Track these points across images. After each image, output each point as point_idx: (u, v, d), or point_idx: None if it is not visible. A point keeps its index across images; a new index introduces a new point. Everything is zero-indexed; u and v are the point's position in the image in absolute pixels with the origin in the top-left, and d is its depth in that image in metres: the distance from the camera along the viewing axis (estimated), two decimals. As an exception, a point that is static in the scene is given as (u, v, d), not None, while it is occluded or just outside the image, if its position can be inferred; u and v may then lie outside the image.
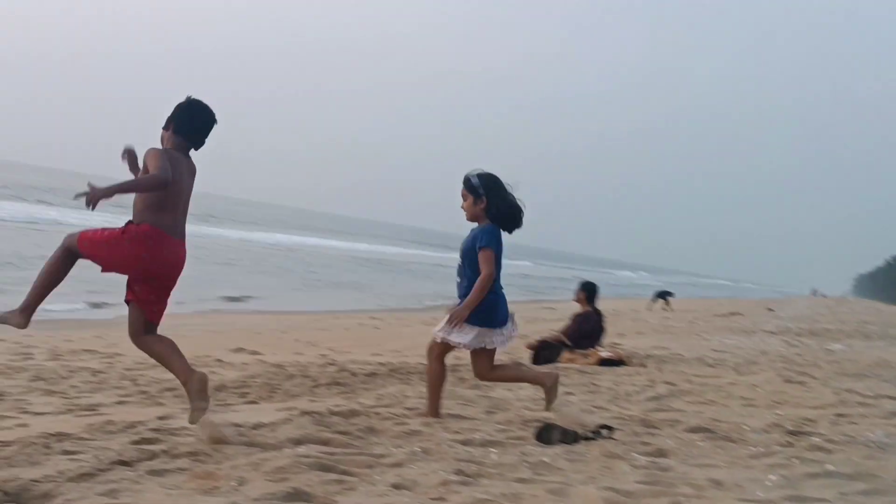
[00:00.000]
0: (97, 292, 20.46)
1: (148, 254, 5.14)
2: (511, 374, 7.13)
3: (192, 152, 5.40)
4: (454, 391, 8.67)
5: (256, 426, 6.41)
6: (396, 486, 4.70)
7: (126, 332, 5.79)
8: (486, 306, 6.53)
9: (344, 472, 4.91)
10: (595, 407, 7.92)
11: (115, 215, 7.69)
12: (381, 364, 11.76)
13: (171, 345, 5.61)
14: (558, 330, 12.70)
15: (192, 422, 5.56)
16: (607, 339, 13.31)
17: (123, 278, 5.67)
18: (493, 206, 6.53)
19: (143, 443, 5.71)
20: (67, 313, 17.17)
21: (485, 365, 6.76)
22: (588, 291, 12.73)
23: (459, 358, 13.00)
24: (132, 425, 6.40)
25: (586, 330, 12.35)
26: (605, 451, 5.76)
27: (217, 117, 5.39)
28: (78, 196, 5.08)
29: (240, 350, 13.28)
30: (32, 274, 5.94)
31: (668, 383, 9.93)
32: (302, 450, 5.35)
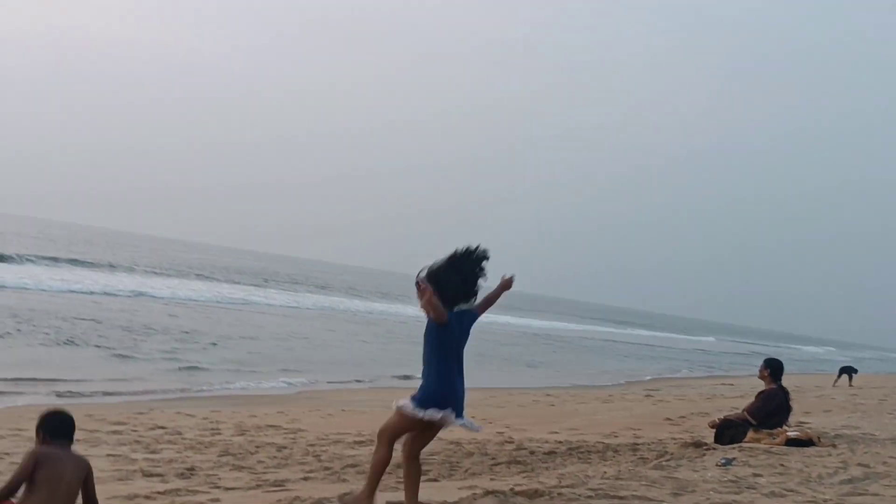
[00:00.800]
0: (288, 371, 21.20)
1: None
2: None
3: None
4: (637, 471, 8.49)
5: (441, 505, 6.45)
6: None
7: (307, 408, 5.93)
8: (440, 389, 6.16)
9: (531, 554, 4.87)
10: (786, 490, 7.61)
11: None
12: (559, 442, 11.65)
13: None
14: (742, 408, 12.29)
15: None
16: (793, 417, 12.79)
17: (311, 355, 5.83)
18: (442, 290, 6.19)
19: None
20: (251, 389, 17.77)
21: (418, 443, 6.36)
22: (772, 368, 12.29)
23: (639, 437, 12.77)
24: (319, 502, 6.55)
25: (772, 408, 11.89)
26: (801, 536, 5.53)
27: (74, 424, 5.47)
28: None
29: (417, 427, 13.41)
30: (235, 354, 6.20)
31: (862, 465, 9.44)
32: (488, 530, 5.34)
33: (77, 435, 5.73)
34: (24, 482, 5.08)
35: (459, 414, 6.10)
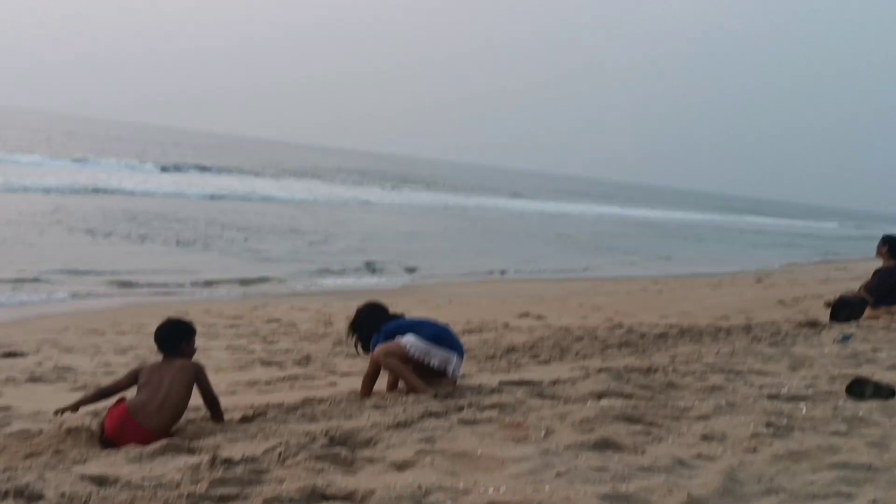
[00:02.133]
0: (402, 266, 21.46)
1: (110, 426, 5.38)
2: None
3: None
4: (752, 348, 8.39)
5: (554, 382, 6.49)
6: (706, 437, 4.61)
7: (415, 300, 5.94)
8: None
9: (651, 423, 4.87)
10: (907, 364, 7.43)
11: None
12: (669, 325, 11.57)
13: None
14: (859, 287, 11.98)
15: None
16: (913, 295, 12.42)
17: (417, 251, 5.86)
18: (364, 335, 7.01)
19: (447, 397, 5.93)
20: (361, 284, 18.07)
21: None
22: (891, 245, 11.90)
23: (751, 319, 12.60)
24: (429, 382, 6.64)
25: (891, 285, 11.56)
26: (924, 406, 5.40)
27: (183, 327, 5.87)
28: None
29: (525, 315, 13.45)
30: (347, 251, 6.12)
31: None
32: (605, 403, 5.34)
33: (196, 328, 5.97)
34: (131, 386, 5.67)
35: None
